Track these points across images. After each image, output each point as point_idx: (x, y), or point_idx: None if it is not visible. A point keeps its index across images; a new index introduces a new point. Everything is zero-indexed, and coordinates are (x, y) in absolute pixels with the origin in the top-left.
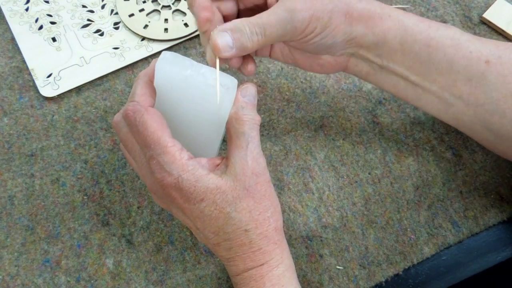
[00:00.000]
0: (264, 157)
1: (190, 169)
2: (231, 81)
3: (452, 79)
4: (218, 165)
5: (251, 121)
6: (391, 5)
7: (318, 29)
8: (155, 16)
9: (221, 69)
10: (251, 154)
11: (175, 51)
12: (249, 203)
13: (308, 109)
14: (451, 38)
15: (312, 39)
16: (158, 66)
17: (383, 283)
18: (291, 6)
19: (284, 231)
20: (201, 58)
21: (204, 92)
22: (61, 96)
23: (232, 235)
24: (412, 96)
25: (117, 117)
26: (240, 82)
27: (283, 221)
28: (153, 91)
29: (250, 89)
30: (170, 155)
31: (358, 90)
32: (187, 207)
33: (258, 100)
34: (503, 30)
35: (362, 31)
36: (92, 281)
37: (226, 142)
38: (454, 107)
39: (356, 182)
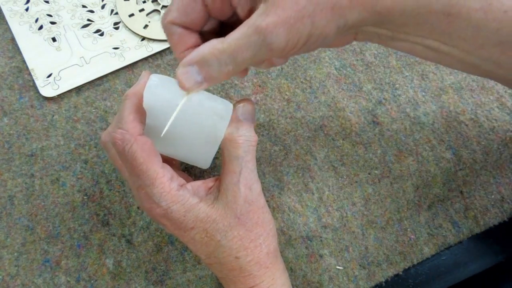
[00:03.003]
0: (259, 182)
1: (180, 200)
2: (225, 107)
3: (478, 44)
4: (210, 188)
5: (246, 143)
6: None
7: (302, 40)
8: (155, 16)
9: (213, 92)
10: (244, 181)
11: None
12: (240, 232)
13: (308, 109)
14: None
15: (298, 51)
16: (147, 92)
17: (383, 283)
18: (260, 25)
19: (284, 231)
20: None
21: (196, 119)
22: (61, 96)
23: (222, 260)
24: (432, 58)
25: (105, 137)
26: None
27: (283, 221)
28: (142, 114)
29: (247, 107)
30: (159, 188)
31: (358, 90)
32: (177, 233)
33: (258, 100)
34: None
35: (360, 16)
36: (92, 281)
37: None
38: (483, 67)
39: (356, 182)
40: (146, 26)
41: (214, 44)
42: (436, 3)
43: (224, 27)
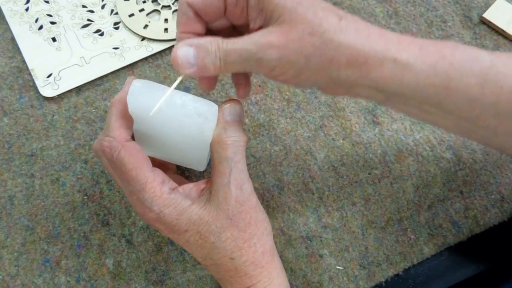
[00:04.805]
0: (250, 181)
1: (172, 203)
2: (210, 108)
3: (475, 114)
4: (202, 189)
5: (234, 143)
6: None
7: (291, 72)
8: (155, 16)
9: (199, 94)
10: (234, 181)
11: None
12: (233, 232)
13: (308, 109)
14: (477, 74)
15: (285, 81)
16: (129, 98)
17: (383, 283)
18: (259, 39)
19: (284, 231)
20: None
21: (181, 121)
22: (61, 96)
23: (218, 262)
24: (429, 120)
25: (96, 145)
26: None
27: (283, 221)
28: (129, 120)
29: (234, 107)
30: (150, 192)
31: None
32: (172, 237)
33: (258, 100)
34: (503, 30)
35: (354, 76)
36: (92, 281)
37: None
38: (480, 134)
39: (356, 182)
40: (146, 26)
41: (218, 39)
42: (435, 77)
43: (233, 31)
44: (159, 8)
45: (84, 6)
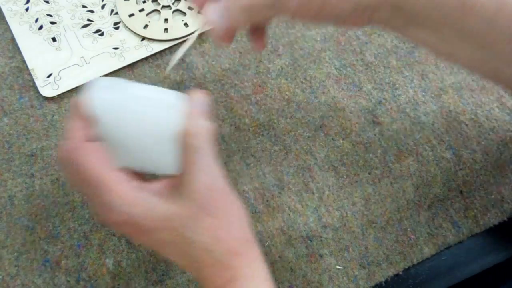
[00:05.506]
0: (221, 168)
1: (140, 202)
2: (175, 96)
3: (491, 39)
4: (171, 184)
5: (201, 132)
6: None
7: (314, 10)
8: (155, 16)
9: (167, 86)
10: (203, 169)
11: (174, 51)
12: (208, 222)
13: (308, 109)
14: None
15: (310, 19)
16: (93, 95)
17: (383, 283)
18: None
19: (284, 231)
20: (201, 58)
21: (147, 113)
22: (61, 96)
23: (196, 258)
24: (445, 51)
25: (58, 154)
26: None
27: (283, 221)
28: (87, 121)
29: (199, 97)
30: (114, 193)
31: (358, 90)
32: (144, 239)
33: (258, 100)
34: None
35: None
36: (92, 281)
37: None
38: (493, 64)
39: (356, 182)
40: (146, 26)
41: None
42: None
43: None
44: (159, 8)
45: (84, 6)
